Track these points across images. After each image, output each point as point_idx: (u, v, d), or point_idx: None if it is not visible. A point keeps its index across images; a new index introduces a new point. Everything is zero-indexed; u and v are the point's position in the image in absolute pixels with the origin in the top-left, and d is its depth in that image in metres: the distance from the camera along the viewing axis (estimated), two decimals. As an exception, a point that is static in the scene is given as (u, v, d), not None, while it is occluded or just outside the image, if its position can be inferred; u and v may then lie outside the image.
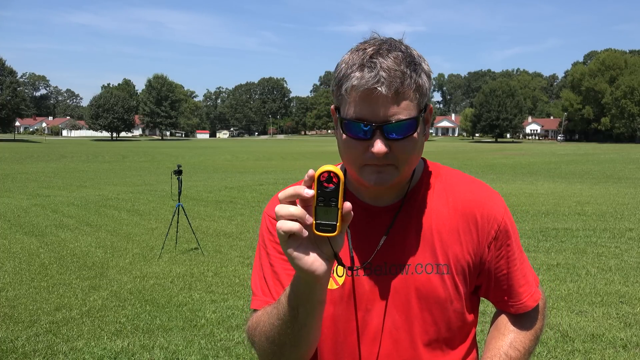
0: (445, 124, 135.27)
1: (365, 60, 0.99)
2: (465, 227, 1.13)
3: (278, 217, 0.88)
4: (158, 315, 4.99)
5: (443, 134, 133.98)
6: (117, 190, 15.82)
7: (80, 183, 18.17)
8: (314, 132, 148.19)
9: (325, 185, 0.86)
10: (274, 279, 1.15)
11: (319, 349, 1.17)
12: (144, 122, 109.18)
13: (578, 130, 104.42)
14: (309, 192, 0.86)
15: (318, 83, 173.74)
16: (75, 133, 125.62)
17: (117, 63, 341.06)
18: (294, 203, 0.89)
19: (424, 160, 1.22)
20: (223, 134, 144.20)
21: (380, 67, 0.97)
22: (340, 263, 0.98)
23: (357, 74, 0.99)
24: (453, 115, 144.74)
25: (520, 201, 12.77)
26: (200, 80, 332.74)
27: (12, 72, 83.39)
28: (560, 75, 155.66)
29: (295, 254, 0.89)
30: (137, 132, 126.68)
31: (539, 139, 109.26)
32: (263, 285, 1.17)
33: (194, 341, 4.34)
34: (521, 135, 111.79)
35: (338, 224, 0.87)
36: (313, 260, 0.90)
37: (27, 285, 5.93)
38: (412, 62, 1.00)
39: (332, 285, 1.13)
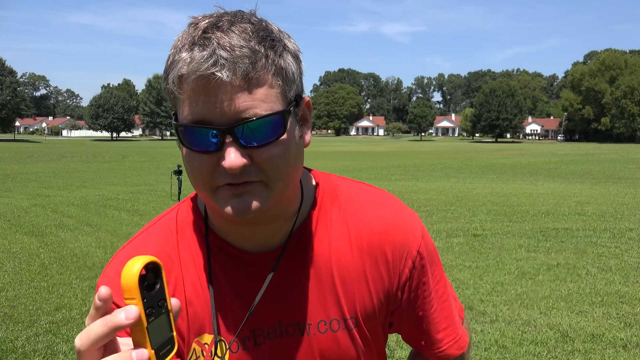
0: (445, 124, 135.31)
1: (196, 38, 0.70)
2: (373, 269, 0.88)
3: None
4: (158, 315, 4.99)
5: (443, 134, 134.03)
6: (117, 190, 15.82)
7: (80, 183, 18.17)
8: (314, 132, 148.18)
9: (150, 288, 0.57)
10: None
11: None
12: (144, 122, 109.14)
13: (578, 130, 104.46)
14: (132, 314, 0.54)
15: (318, 83, 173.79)
16: (75, 133, 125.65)
17: (117, 63, 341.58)
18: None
19: (312, 176, 0.93)
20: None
21: (218, 43, 0.68)
22: (217, 339, 0.79)
23: (185, 55, 0.69)
24: (453, 115, 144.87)
25: (520, 201, 12.77)
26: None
27: (12, 72, 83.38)
28: (560, 75, 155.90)
29: None
30: (137, 132, 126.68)
31: (539, 139, 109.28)
32: None
33: (194, 341, 4.34)
34: (521, 135, 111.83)
35: (174, 332, 0.60)
36: None
37: (27, 285, 5.93)
38: (267, 37, 0.72)
39: None
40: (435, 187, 15.73)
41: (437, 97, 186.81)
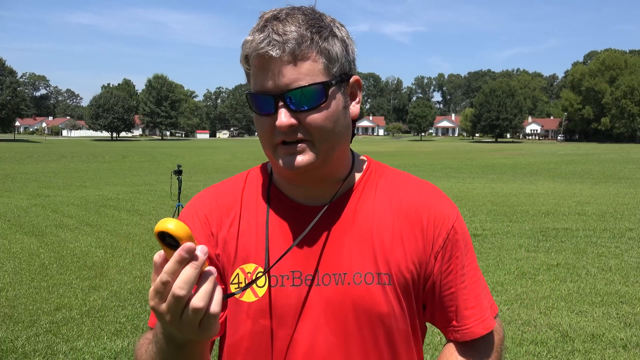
0: (445, 124, 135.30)
1: (259, 26, 0.88)
2: (410, 233, 0.97)
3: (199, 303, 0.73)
4: (158, 315, 4.99)
5: (443, 134, 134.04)
6: (117, 190, 15.82)
7: (80, 183, 18.17)
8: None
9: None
10: None
11: None
12: (144, 122, 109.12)
13: (578, 130, 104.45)
14: (205, 249, 0.73)
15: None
16: (75, 133, 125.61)
17: (117, 63, 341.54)
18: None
19: (367, 158, 1.09)
20: (223, 134, 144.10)
21: (273, 29, 0.86)
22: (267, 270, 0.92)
23: (249, 39, 0.88)
24: (453, 115, 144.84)
25: (520, 201, 12.78)
26: (200, 80, 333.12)
27: (12, 72, 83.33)
28: (560, 75, 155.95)
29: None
30: (137, 132, 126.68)
31: (539, 139, 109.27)
32: None
33: (194, 341, 4.34)
34: (521, 135, 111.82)
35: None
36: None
37: (27, 285, 5.93)
38: (316, 25, 0.88)
39: (250, 297, 0.96)
40: (435, 187, 15.71)
41: (437, 97, 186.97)
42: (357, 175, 1.03)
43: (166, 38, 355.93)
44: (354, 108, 0.97)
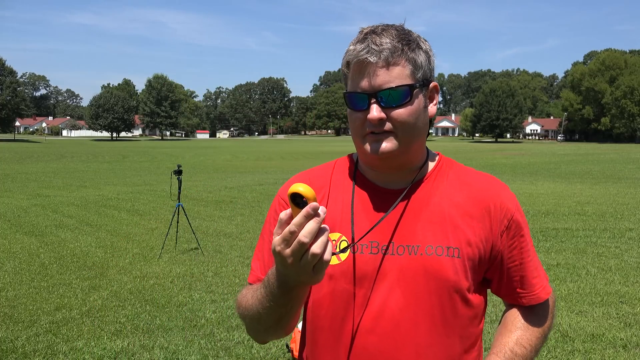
0: (445, 124, 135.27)
1: (360, 38, 1.08)
2: (478, 214, 1.14)
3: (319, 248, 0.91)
4: (158, 315, 4.99)
5: (443, 134, 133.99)
6: (117, 190, 15.81)
7: (80, 183, 18.17)
8: (314, 132, 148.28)
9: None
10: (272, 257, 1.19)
11: (318, 325, 1.17)
12: (144, 122, 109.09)
13: (578, 130, 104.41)
14: (325, 208, 0.91)
15: (318, 83, 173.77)
16: (75, 133, 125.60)
17: (117, 63, 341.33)
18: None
19: (438, 153, 1.27)
20: (223, 134, 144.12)
21: (372, 41, 1.06)
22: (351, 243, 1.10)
23: (351, 48, 1.08)
24: (453, 115, 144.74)
25: (520, 201, 12.50)
26: (200, 80, 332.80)
27: (12, 72, 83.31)
28: (560, 75, 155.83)
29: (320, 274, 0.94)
30: (137, 132, 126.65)
31: (539, 139, 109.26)
32: (261, 262, 1.23)
33: (194, 341, 4.34)
34: (521, 135, 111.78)
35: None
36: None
37: (27, 285, 5.93)
38: (405, 38, 1.08)
39: (334, 261, 1.13)
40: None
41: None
42: (431, 166, 1.21)
43: (166, 38, 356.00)
44: (432, 109, 1.16)
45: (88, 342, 4.34)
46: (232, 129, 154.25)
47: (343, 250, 1.13)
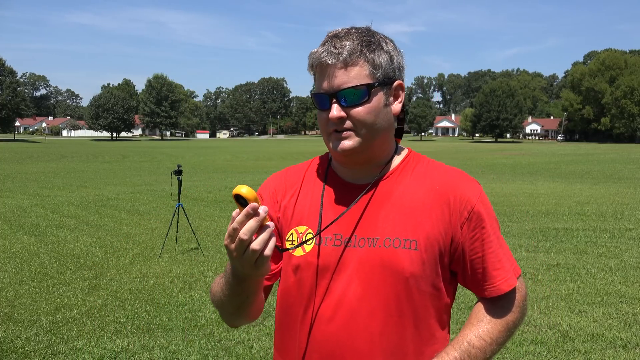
0: (445, 124, 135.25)
1: (324, 41, 1.14)
2: (437, 207, 1.16)
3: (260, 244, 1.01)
4: (158, 315, 4.99)
5: (443, 134, 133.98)
6: (117, 190, 15.81)
7: (80, 183, 18.17)
8: (314, 132, 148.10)
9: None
10: None
11: (285, 313, 1.25)
12: (144, 122, 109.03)
13: (578, 130, 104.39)
14: (266, 208, 1.00)
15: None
16: (75, 133, 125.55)
17: (117, 63, 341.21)
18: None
19: (408, 149, 1.29)
20: (223, 134, 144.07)
21: (332, 44, 1.12)
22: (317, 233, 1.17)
23: (314, 51, 1.14)
24: (453, 115, 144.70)
25: (520, 201, 12.78)
26: (200, 80, 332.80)
27: (12, 72, 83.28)
28: (560, 75, 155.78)
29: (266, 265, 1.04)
30: (137, 132, 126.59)
31: (539, 139, 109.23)
32: None
33: (194, 341, 4.34)
34: (521, 135, 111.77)
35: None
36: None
37: (27, 285, 5.93)
38: (366, 40, 1.12)
39: (299, 252, 1.20)
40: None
41: (437, 97, 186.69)
42: (398, 160, 1.25)
43: (166, 38, 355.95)
44: (396, 106, 1.19)
45: (88, 342, 4.34)
46: (232, 129, 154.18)
47: (307, 242, 1.19)
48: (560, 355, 4.03)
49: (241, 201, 0.99)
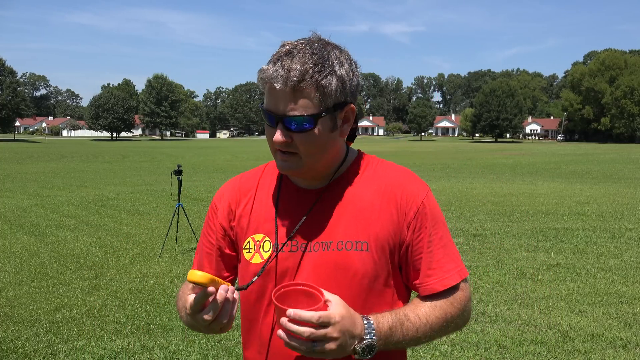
0: (445, 124, 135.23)
1: (275, 57, 1.10)
2: (386, 207, 1.19)
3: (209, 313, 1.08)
4: (158, 315, 4.99)
5: (443, 134, 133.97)
6: (117, 190, 15.81)
7: (80, 183, 18.17)
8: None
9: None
10: (207, 255, 1.34)
11: (246, 317, 1.29)
12: (144, 122, 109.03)
13: (578, 130, 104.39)
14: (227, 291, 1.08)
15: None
16: (75, 133, 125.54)
17: (117, 63, 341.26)
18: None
19: (359, 151, 1.31)
20: (223, 134, 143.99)
21: (282, 65, 1.08)
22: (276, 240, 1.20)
23: (265, 67, 1.11)
24: (453, 115, 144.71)
25: (520, 201, 12.78)
26: (200, 80, 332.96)
27: (12, 72, 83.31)
28: (560, 75, 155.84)
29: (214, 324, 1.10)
30: (137, 132, 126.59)
31: (539, 139, 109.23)
32: (198, 261, 1.35)
33: (194, 341, 4.34)
34: (521, 135, 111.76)
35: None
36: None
37: (27, 285, 5.93)
38: (319, 64, 1.08)
39: (257, 259, 1.23)
40: (436, 187, 15.72)
41: (437, 97, 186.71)
42: (349, 164, 1.26)
43: (166, 38, 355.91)
44: (344, 129, 1.19)
45: (88, 342, 4.34)
46: (232, 129, 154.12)
47: (266, 251, 1.23)
48: (560, 355, 4.03)
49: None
